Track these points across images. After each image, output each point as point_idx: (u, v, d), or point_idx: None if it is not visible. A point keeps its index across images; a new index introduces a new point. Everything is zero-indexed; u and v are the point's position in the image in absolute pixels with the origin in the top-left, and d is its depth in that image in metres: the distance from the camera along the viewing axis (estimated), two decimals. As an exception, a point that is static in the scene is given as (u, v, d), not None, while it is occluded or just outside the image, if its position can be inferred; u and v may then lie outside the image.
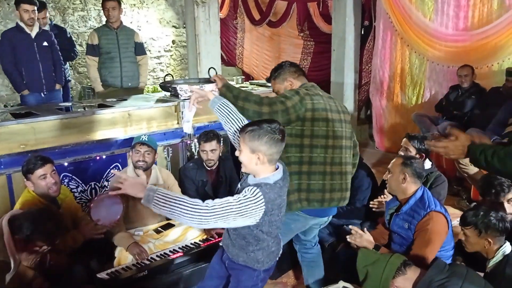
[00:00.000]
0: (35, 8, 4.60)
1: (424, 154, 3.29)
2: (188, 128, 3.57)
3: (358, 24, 6.35)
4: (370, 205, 3.15)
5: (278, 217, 2.04)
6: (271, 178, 1.97)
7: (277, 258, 2.19)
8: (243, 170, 2.05)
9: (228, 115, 2.29)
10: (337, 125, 2.50)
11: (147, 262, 2.84)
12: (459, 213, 4.17)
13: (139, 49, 5.12)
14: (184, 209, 1.83)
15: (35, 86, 4.72)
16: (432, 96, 5.61)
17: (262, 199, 1.90)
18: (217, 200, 1.88)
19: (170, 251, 2.98)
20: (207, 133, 3.42)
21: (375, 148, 6.34)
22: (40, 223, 2.28)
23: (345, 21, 6.21)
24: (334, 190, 2.49)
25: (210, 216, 1.84)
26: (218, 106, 2.32)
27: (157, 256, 2.92)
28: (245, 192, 1.92)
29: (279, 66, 2.65)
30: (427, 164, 3.33)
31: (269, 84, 2.85)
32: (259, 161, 1.95)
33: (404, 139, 3.39)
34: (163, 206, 1.84)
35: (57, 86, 4.93)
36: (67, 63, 5.65)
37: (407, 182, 2.67)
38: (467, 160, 2.08)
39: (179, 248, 3.05)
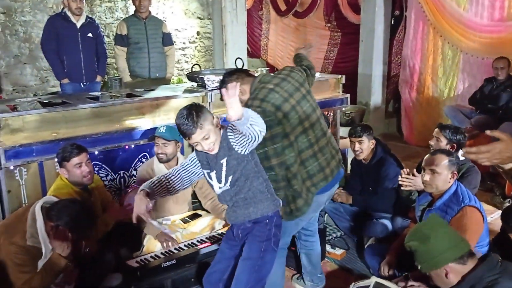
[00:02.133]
0: None
1: (455, 145, 3.19)
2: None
3: (388, 13, 6.22)
4: (399, 182, 2.92)
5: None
6: None
7: (279, 203, 2.24)
8: None
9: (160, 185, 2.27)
10: (303, 104, 2.43)
11: (175, 251, 2.85)
12: (492, 209, 4.06)
13: (167, 39, 5.11)
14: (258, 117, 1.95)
15: (75, 76, 4.76)
16: (466, 88, 5.46)
17: None
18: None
19: (197, 241, 2.97)
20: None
21: (403, 141, 6.21)
22: (75, 218, 2.28)
23: (375, 10, 6.08)
24: (328, 161, 2.50)
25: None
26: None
27: (184, 245, 2.92)
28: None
29: (222, 82, 2.47)
30: (461, 155, 3.23)
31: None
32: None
33: (436, 129, 3.31)
34: (254, 118, 1.92)
35: (98, 78, 4.97)
36: None
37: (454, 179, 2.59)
38: None
39: (206, 238, 3.05)
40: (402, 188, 2.91)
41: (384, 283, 2.27)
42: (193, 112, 2.00)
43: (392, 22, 6.39)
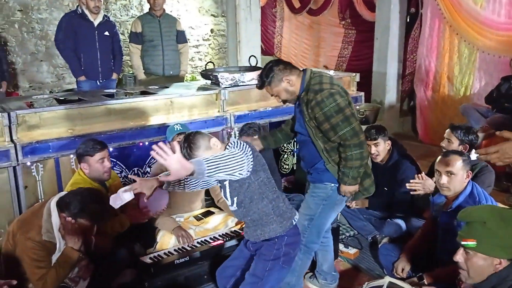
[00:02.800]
0: None
1: (468, 145, 3.14)
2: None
3: (403, 11, 6.14)
4: (408, 187, 2.93)
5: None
6: None
7: (293, 221, 2.25)
8: None
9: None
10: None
11: (188, 248, 2.86)
12: (509, 210, 4.00)
13: (181, 37, 5.13)
14: (230, 160, 1.97)
15: (92, 74, 4.83)
16: (482, 87, 5.37)
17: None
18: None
19: (210, 238, 2.99)
20: (250, 128, 3.39)
21: (418, 140, 6.14)
22: (88, 202, 2.32)
23: (390, 8, 6.02)
24: None
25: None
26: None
27: (197, 242, 2.94)
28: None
29: (269, 70, 2.55)
30: (473, 155, 3.18)
31: None
32: (216, 147, 2.18)
33: (447, 130, 3.25)
34: (215, 168, 1.92)
35: (114, 76, 5.03)
36: None
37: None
38: None
39: (219, 235, 3.06)
40: (411, 193, 2.91)
41: (398, 283, 2.25)
42: (186, 145, 2.11)
43: (408, 20, 6.31)
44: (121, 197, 2.25)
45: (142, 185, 2.28)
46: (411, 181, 2.89)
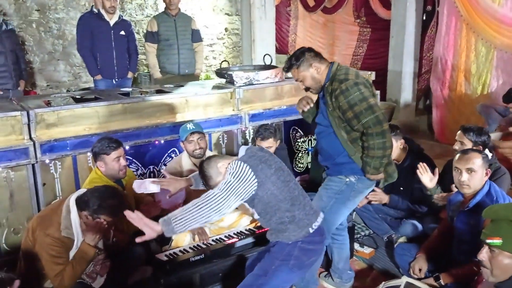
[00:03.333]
0: None
1: (481, 147, 3.10)
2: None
3: (419, 9, 6.09)
4: (434, 200, 2.99)
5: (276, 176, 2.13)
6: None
7: (310, 230, 2.20)
8: None
9: None
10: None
11: (204, 246, 2.88)
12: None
13: (196, 36, 5.17)
14: (201, 209, 1.99)
15: (108, 73, 4.91)
16: (500, 86, 5.29)
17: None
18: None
19: (225, 236, 3.00)
20: (266, 130, 3.38)
21: (435, 140, 6.08)
22: (106, 198, 2.35)
23: (406, 6, 5.97)
24: None
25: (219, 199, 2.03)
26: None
27: (212, 240, 2.95)
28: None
29: (300, 53, 2.60)
30: (488, 155, 3.15)
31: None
32: (223, 168, 2.19)
33: (459, 132, 3.19)
34: (185, 223, 1.98)
35: (129, 75, 5.10)
36: None
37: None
38: None
39: (234, 234, 3.07)
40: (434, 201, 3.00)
41: (415, 283, 2.23)
42: (202, 181, 2.27)
43: (424, 18, 6.25)
44: (147, 186, 2.35)
45: (171, 183, 2.41)
46: (438, 195, 2.99)
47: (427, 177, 2.98)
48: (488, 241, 1.79)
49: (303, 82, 2.62)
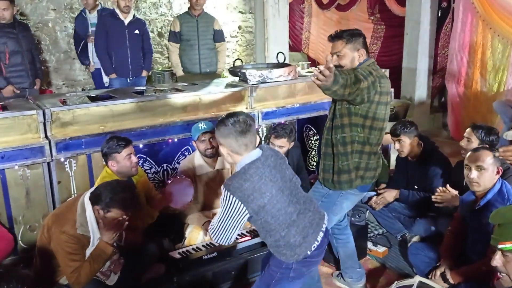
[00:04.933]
0: None
1: (488, 146, 3.06)
2: None
3: (435, 5, 6.01)
4: (433, 199, 2.92)
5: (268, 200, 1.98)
6: (239, 165, 2.03)
7: (308, 252, 2.06)
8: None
9: None
10: (388, 108, 2.57)
11: (216, 244, 2.88)
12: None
13: (218, 36, 5.25)
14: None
15: (122, 71, 4.99)
16: (517, 83, 5.20)
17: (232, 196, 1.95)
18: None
19: (238, 235, 3.00)
20: (282, 129, 3.37)
21: (450, 137, 6.01)
22: (118, 191, 2.37)
23: (421, 2, 5.90)
24: (379, 167, 2.69)
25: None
26: None
27: (225, 239, 2.96)
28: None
29: (357, 34, 2.55)
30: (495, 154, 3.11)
31: None
32: (232, 153, 2.03)
33: (468, 129, 3.19)
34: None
35: (144, 73, 5.17)
36: None
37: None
38: None
39: (246, 232, 3.08)
40: (436, 205, 2.91)
41: (429, 282, 2.21)
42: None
43: (439, 14, 6.16)
44: None
45: None
46: (435, 194, 2.91)
47: (448, 196, 2.86)
48: (500, 246, 1.76)
49: (341, 58, 2.52)
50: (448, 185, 2.88)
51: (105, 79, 5.12)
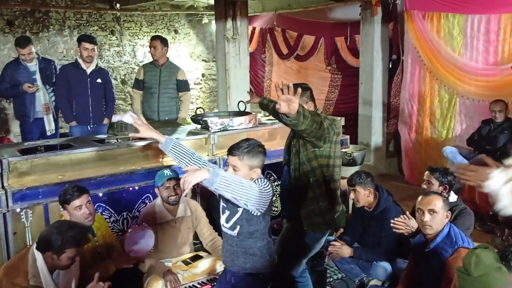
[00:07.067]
0: (95, 47, 4.94)
1: (447, 186, 3.25)
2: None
3: (386, 58, 6.40)
4: (392, 225, 2.96)
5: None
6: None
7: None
8: None
9: (181, 153, 2.68)
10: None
11: (181, 289, 2.86)
12: (493, 251, 4.05)
13: (181, 86, 5.28)
14: (241, 186, 2.12)
15: (83, 119, 5.01)
16: (463, 130, 5.55)
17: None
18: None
19: (198, 283, 2.99)
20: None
21: (405, 181, 6.25)
22: (64, 231, 2.35)
23: (373, 55, 6.27)
24: (339, 205, 2.92)
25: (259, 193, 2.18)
26: (171, 147, 2.73)
27: (185, 287, 2.94)
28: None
29: (308, 88, 2.86)
30: (453, 197, 3.29)
31: None
32: (255, 175, 2.30)
33: (426, 172, 3.37)
34: (226, 185, 2.09)
35: (105, 121, 5.18)
36: None
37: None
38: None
39: (207, 280, 3.06)
40: (394, 230, 2.96)
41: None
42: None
43: (390, 66, 6.56)
44: (123, 116, 2.72)
45: (144, 127, 2.90)
46: (395, 219, 2.94)
47: (409, 223, 2.92)
48: None
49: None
50: (407, 212, 3.01)
51: (47, 127, 5.11)
